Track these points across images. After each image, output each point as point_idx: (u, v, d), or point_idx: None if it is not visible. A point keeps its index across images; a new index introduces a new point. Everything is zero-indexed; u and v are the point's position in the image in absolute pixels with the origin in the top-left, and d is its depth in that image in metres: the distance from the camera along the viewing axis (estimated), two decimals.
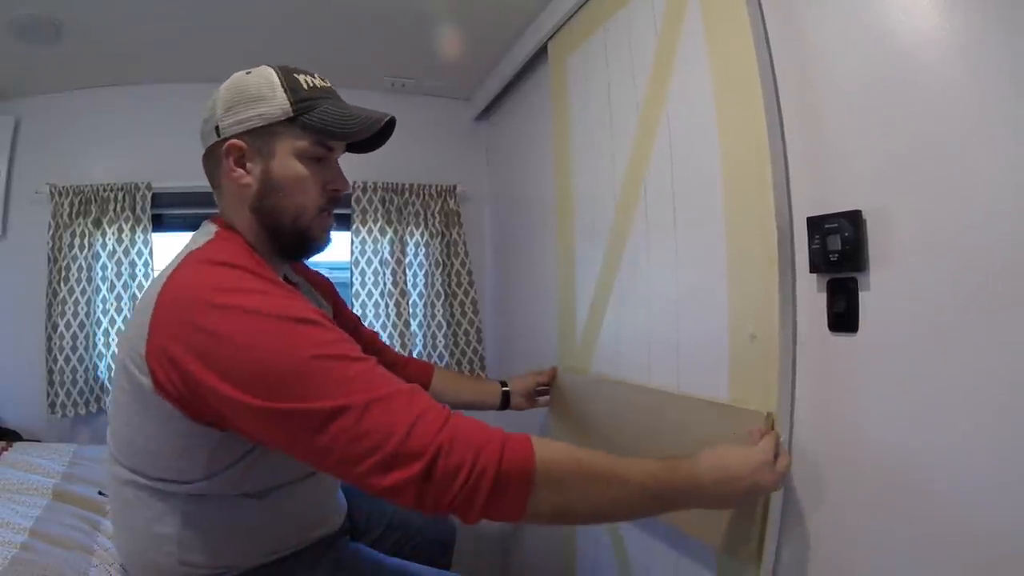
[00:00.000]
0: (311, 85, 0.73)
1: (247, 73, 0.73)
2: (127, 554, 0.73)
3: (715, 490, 0.66)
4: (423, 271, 2.00)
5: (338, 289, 1.08)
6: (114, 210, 1.72)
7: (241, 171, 0.71)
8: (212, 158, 0.74)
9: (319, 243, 0.77)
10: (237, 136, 0.70)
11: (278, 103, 0.70)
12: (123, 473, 0.69)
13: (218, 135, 0.71)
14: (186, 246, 0.72)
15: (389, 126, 0.76)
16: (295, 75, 0.72)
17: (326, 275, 1.06)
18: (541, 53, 1.54)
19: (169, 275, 0.65)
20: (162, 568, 0.69)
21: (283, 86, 0.70)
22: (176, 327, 0.60)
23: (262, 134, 0.70)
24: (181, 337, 0.59)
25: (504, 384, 1.24)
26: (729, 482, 0.66)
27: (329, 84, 0.76)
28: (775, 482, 0.69)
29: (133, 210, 1.73)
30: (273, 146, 0.71)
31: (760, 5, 0.83)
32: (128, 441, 0.68)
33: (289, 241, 0.74)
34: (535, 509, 0.58)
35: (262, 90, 0.70)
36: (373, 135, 0.74)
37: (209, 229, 0.73)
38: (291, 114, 0.70)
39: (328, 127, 0.71)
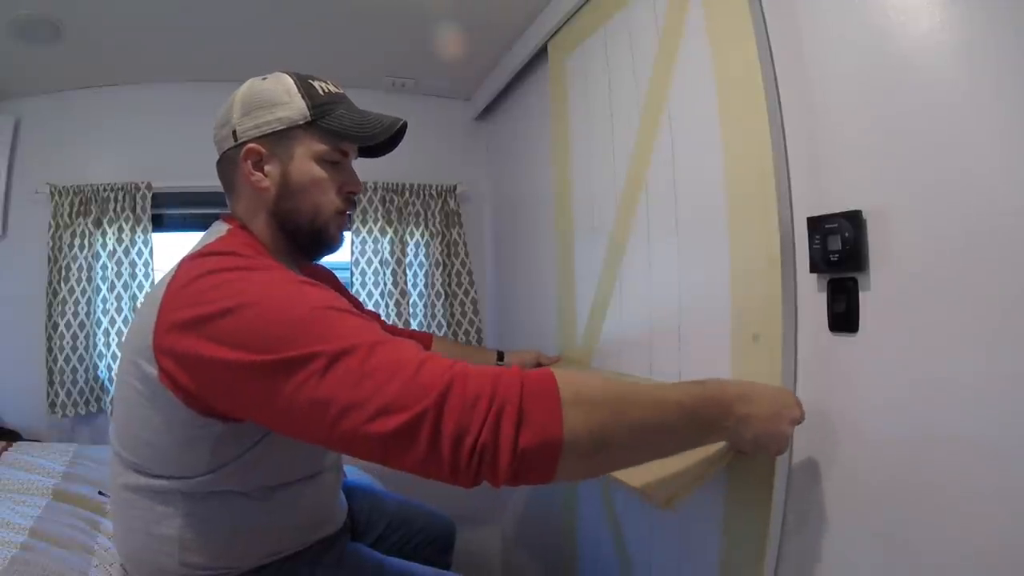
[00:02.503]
0: (326, 91, 0.75)
1: (263, 79, 0.74)
2: (128, 554, 0.73)
3: (741, 411, 0.62)
4: (423, 271, 2.00)
5: None
6: (114, 210, 1.72)
7: (260, 175, 0.72)
8: (228, 162, 0.75)
9: (334, 243, 0.79)
10: (255, 140, 0.72)
11: (296, 108, 0.72)
12: (125, 473, 0.69)
13: (235, 139, 0.72)
14: (199, 242, 0.72)
15: (401, 130, 0.78)
16: (310, 81, 0.74)
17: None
18: (541, 53, 1.54)
19: (178, 266, 0.65)
20: (163, 568, 0.69)
21: (300, 92, 0.72)
22: (181, 311, 0.59)
23: (280, 138, 0.72)
24: (185, 321, 0.58)
25: (501, 355, 1.29)
26: (754, 407, 0.63)
27: (341, 91, 0.78)
28: (793, 423, 0.67)
29: (133, 210, 1.73)
30: (292, 150, 0.72)
31: (761, 6, 0.83)
32: (132, 436, 0.68)
33: (306, 242, 0.76)
34: (572, 436, 0.49)
35: (280, 95, 0.72)
36: (385, 140, 0.76)
37: (221, 227, 0.74)
38: (309, 118, 0.72)
39: (346, 131, 0.73)
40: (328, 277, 1.04)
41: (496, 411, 0.48)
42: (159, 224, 1.82)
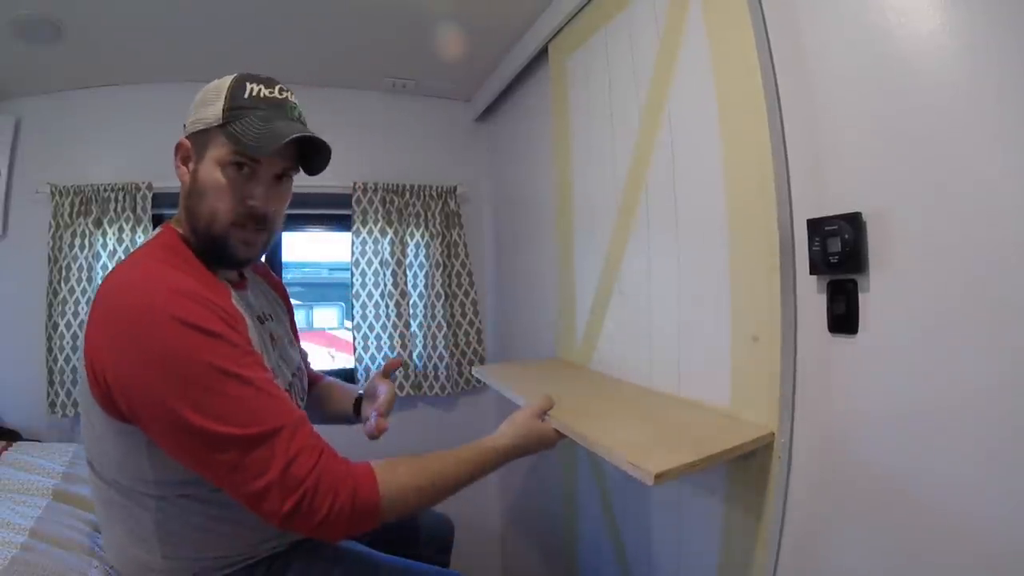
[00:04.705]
0: (255, 94, 0.71)
1: (221, 77, 0.74)
2: (114, 553, 0.74)
3: (520, 444, 0.82)
4: (423, 272, 2.00)
5: (338, 290, 1.07)
6: (114, 210, 1.72)
7: (184, 169, 0.75)
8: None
9: (237, 255, 0.73)
10: (189, 136, 0.74)
11: (215, 109, 0.70)
12: (92, 474, 0.71)
13: (184, 131, 0.75)
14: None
15: (322, 148, 0.74)
16: (247, 83, 0.71)
17: (325, 278, 1.03)
18: (542, 54, 1.54)
19: (107, 275, 0.68)
20: (147, 564, 0.70)
21: (227, 93, 0.71)
22: (94, 318, 0.63)
23: (201, 137, 0.72)
24: (98, 329, 0.63)
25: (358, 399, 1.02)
26: (523, 442, 0.82)
27: (284, 97, 0.73)
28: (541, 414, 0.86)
29: (133, 210, 1.73)
30: (204, 150, 0.72)
31: (761, 7, 0.83)
32: (88, 439, 0.70)
33: (204, 246, 0.73)
34: (385, 518, 0.66)
35: (211, 94, 0.72)
36: (319, 158, 0.75)
37: (155, 232, 0.77)
38: (220, 122, 0.70)
39: (242, 139, 0.69)
40: (275, 286, 0.98)
41: (333, 519, 0.62)
42: (159, 224, 1.82)
